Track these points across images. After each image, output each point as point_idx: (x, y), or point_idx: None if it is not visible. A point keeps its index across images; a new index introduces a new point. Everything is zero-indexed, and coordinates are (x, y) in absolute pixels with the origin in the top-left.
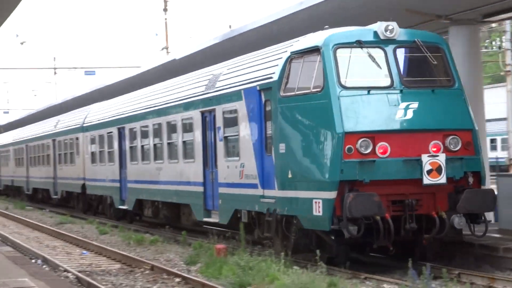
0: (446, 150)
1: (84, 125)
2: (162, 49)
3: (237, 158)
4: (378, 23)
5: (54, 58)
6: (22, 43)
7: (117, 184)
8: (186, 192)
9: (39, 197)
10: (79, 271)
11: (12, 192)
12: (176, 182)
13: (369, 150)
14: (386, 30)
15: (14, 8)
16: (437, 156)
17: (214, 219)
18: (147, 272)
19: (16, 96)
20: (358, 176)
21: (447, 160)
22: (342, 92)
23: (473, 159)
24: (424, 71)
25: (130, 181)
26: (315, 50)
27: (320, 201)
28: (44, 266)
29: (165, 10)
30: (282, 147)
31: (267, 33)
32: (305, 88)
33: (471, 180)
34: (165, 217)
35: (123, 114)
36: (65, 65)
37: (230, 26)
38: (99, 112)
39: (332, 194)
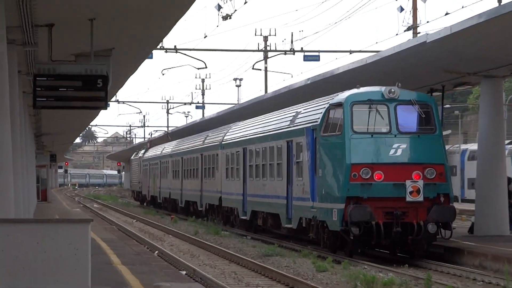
0: (424, 178)
1: (223, 143)
2: (408, 28)
3: (301, 178)
4: (384, 87)
5: (266, 37)
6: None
7: (241, 198)
8: (277, 204)
9: (190, 210)
10: None
11: (170, 205)
12: (272, 196)
13: (368, 176)
14: (389, 92)
15: None
16: (417, 181)
17: (291, 225)
18: None
19: (213, 89)
20: (360, 193)
21: (424, 185)
22: (353, 135)
23: (444, 184)
24: (415, 121)
25: (248, 195)
26: (340, 104)
27: (336, 210)
28: None
29: None
30: (320, 172)
31: None
32: (333, 130)
33: (442, 199)
34: (271, 225)
35: (245, 137)
36: (278, 47)
37: (500, 1)
38: (233, 132)
39: (342, 206)
